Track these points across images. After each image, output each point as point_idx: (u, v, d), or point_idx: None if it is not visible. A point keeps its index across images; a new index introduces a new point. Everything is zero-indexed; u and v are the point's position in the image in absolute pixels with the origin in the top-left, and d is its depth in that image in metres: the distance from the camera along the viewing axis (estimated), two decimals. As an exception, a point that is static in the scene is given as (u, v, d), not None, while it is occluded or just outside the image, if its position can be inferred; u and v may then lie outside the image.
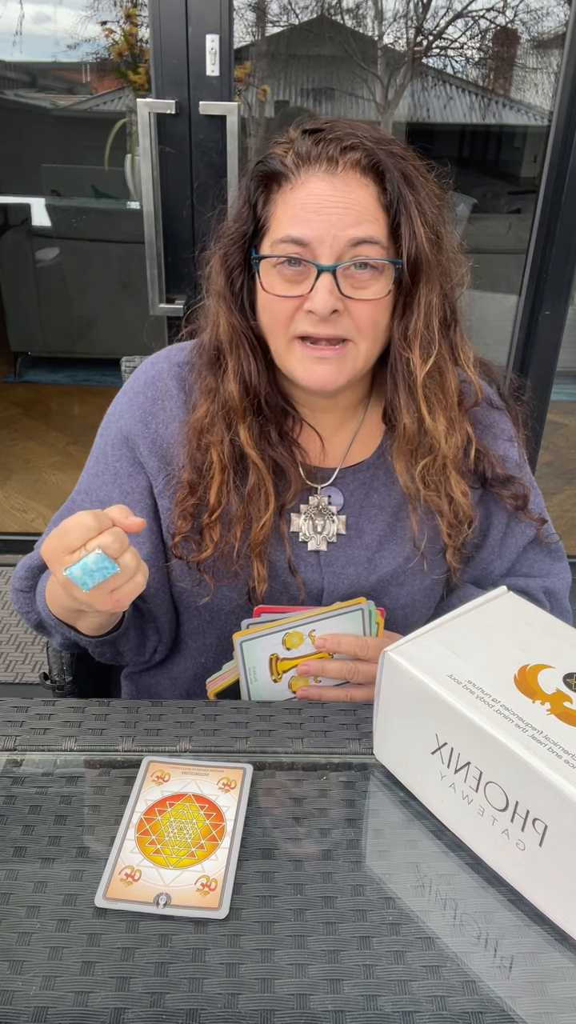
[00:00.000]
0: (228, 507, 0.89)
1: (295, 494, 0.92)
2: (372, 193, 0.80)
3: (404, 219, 0.81)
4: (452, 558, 0.95)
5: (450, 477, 0.90)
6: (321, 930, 0.57)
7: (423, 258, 0.82)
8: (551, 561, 1.03)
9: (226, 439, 0.88)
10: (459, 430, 0.90)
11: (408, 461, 0.91)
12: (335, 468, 0.95)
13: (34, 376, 4.06)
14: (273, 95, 3.06)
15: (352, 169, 0.80)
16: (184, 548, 0.91)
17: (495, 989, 0.54)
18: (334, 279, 0.79)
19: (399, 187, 0.80)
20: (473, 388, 0.93)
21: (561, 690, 0.62)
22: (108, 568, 0.65)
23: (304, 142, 0.81)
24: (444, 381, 0.88)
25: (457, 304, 0.89)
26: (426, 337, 0.84)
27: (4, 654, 2.28)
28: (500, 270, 2.57)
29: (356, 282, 0.81)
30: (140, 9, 2.80)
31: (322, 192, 0.79)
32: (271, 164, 0.83)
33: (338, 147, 0.80)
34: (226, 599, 0.93)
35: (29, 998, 0.52)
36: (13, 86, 3.82)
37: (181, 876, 0.61)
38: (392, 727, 0.69)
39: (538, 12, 2.79)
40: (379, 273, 0.81)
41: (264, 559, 0.90)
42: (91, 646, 0.91)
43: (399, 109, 3.16)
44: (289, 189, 0.81)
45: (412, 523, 0.94)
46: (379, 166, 0.80)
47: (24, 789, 0.69)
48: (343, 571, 0.94)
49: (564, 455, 3.31)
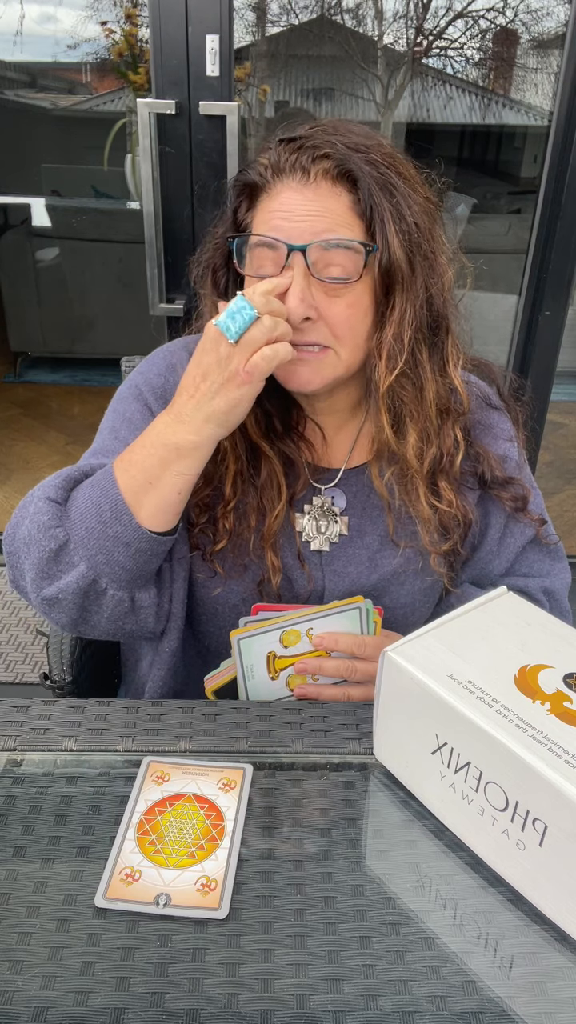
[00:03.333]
0: (243, 498, 0.90)
1: (304, 486, 0.93)
2: (345, 202, 0.80)
3: (378, 227, 0.80)
4: (436, 564, 0.94)
5: (419, 487, 0.90)
6: (321, 930, 0.57)
7: (397, 268, 0.81)
8: (550, 561, 1.03)
9: (236, 430, 0.88)
10: (437, 442, 0.89)
11: (379, 465, 0.92)
12: (339, 469, 0.96)
13: (34, 376, 4.06)
14: (273, 95, 3.06)
15: (324, 178, 0.80)
16: (201, 540, 0.92)
17: (495, 989, 0.54)
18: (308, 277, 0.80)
19: (372, 195, 0.80)
20: (460, 397, 0.91)
21: (561, 690, 0.62)
22: (247, 309, 0.74)
23: (280, 151, 0.82)
24: (420, 392, 0.87)
25: (451, 310, 0.88)
26: (394, 348, 0.83)
27: (4, 654, 2.28)
28: (500, 270, 2.57)
29: (329, 290, 0.81)
30: (140, 9, 2.80)
31: (294, 202, 0.80)
32: (249, 175, 0.85)
33: (311, 157, 0.80)
34: (233, 592, 0.93)
35: (29, 998, 0.52)
36: (13, 86, 3.82)
37: (181, 876, 0.61)
38: (392, 727, 0.69)
39: (538, 12, 2.79)
40: (354, 281, 0.81)
41: (277, 550, 0.91)
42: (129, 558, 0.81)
43: (399, 109, 3.16)
44: (266, 198, 0.83)
45: (388, 522, 0.94)
46: (351, 174, 0.80)
47: (24, 789, 0.69)
48: (344, 571, 0.94)
49: (564, 455, 3.31)
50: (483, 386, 0.99)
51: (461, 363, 0.91)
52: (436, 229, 0.86)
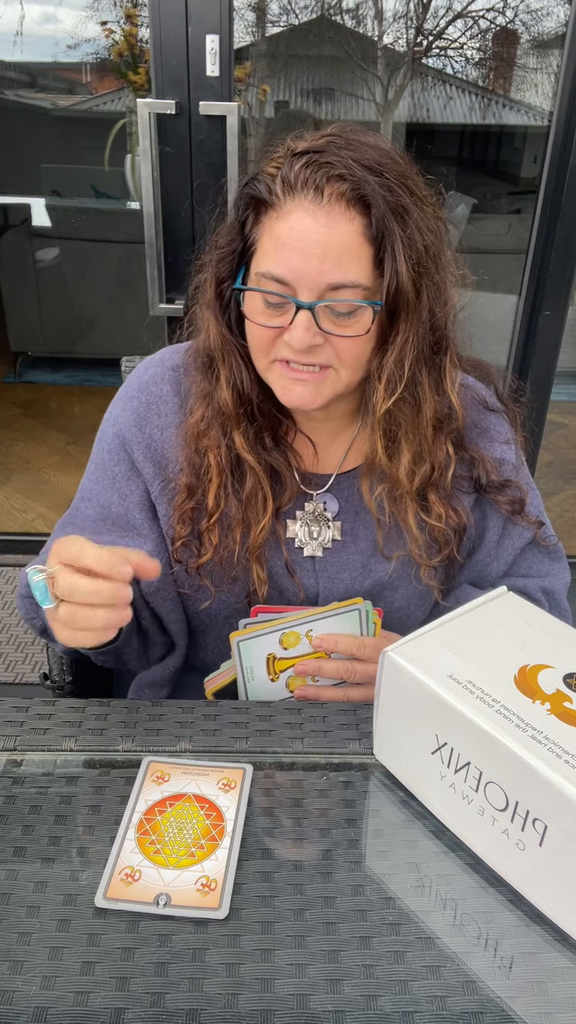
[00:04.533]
0: (227, 511, 0.89)
1: (291, 498, 0.92)
2: (357, 228, 0.78)
3: (388, 255, 0.79)
4: (427, 577, 0.94)
5: (408, 506, 0.90)
6: (321, 930, 0.57)
7: (403, 297, 0.80)
8: (550, 561, 1.03)
9: (223, 443, 0.88)
10: (432, 456, 0.89)
11: (370, 481, 0.92)
12: (331, 474, 0.96)
13: (34, 376, 4.06)
14: (273, 95, 3.06)
15: (337, 201, 0.77)
16: (184, 553, 0.91)
17: (495, 989, 0.54)
18: (313, 316, 0.79)
19: (385, 221, 0.78)
20: (456, 413, 0.91)
21: (561, 690, 0.62)
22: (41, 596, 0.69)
23: (292, 167, 0.79)
24: (417, 412, 0.86)
25: (451, 327, 0.87)
26: (395, 374, 0.83)
27: (4, 654, 2.28)
28: (500, 270, 2.57)
29: (337, 321, 0.80)
30: (140, 9, 2.80)
31: (305, 227, 0.77)
32: (259, 188, 0.81)
33: (325, 176, 0.77)
34: (225, 604, 0.93)
35: (29, 998, 0.52)
36: (13, 86, 3.82)
37: (181, 876, 0.61)
38: (392, 727, 0.69)
39: (538, 12, 2.79)
40: (361, 309, 0.80)
41: (263, 562, 0.90)
42: (92, 655, 0.90)
43: (399, 109, 3.16)
44: (275, 217, 0.79)
45: (378, 536, 0.94)
46: (366, 199, 0.77)
47: (24, 789, 0.69)
48: (338, 576, 0.94)
49: (564, 455, 3.31)
50: (480, 388, 0.99)
51: (459, 370, 0.91)
52: (444, 249, 0.85)
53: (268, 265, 0.80)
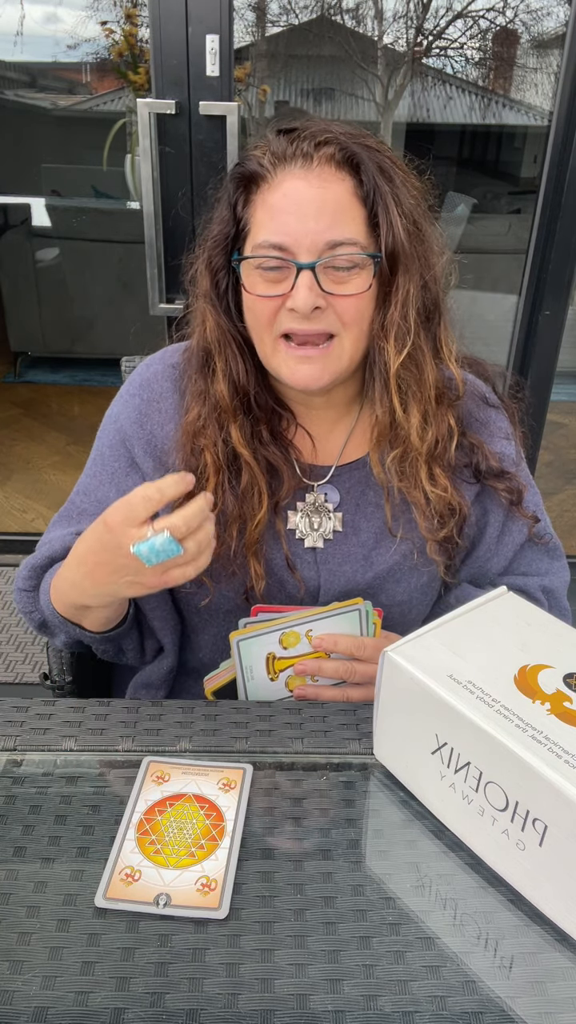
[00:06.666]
0: (224, 507, 0.89)
1: (289, 492, 0.92)
2: (348, 187, 0.81)
3: (381, 210, 0.82)
4: (433, 552, 0.94)
5: (420, 471, 0.90)
6: (321, 930, 0.57)
7: (401, 248, 0.83)
8: (549, 560, 1.03)
9: (219, 440, 0.89)
10: (436, 425, 0.90)
11: (380, 451, 0.92)
12: (331, 466, 0.96)
13: (34, 376, 4.06)
14: (273, 95, 3.06)
15: (327, 163, 0.81)
16: None
17: (495, 989, 0.54)
18: (314, 276, 0.80)
19: (375, 179, 0.81)
20: (456, 383, 0.92)
21: (561, 690, 0.62)
22: (173, 550, 0.69)
23: (279, 141, 0.83)
24: (421, 374, 0.88)
25: (442, 298, 0.89)
26: (402, 328, 0.85)
27: (4, 654, 2.28)
28: (500, 270, 2.57)
29: (337, 277, 0.82)
30: (140, 9, 2.80)
31: (298, 191, 0.80)
32: (248, 165, 0.84)
33: (312, 143, 0.81)
34: (224, 599, 0.93)
35: (29, 998, 0.52)
36: (13, 86, 3.82)
37: (181, 876, 0.61)
38: (392, 727, 0.69)
39: (538, 12, 2.79)
40: (360, 268, 0.82)
41: (260, 557, 0.91)
42: (95, 643, 0.91)
43: (399, 109, 3.16)
44: (267, 189, 0.83)
45: (387, 513, 0.94)
46: (354, 159, 0.81)
47: (24, 789, 0.69)
48: (339, 568, 0.94)
49: (564, 455, 3.31)
50: (479, 384, 0.99)
51: (454, 356, 0.92)
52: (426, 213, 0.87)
53: (265, 234, 0.82)
